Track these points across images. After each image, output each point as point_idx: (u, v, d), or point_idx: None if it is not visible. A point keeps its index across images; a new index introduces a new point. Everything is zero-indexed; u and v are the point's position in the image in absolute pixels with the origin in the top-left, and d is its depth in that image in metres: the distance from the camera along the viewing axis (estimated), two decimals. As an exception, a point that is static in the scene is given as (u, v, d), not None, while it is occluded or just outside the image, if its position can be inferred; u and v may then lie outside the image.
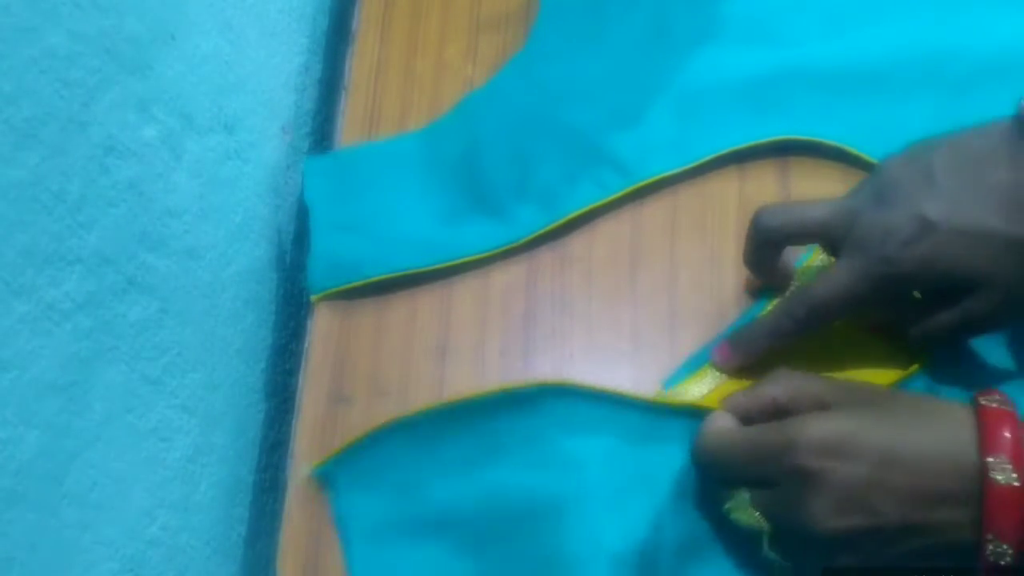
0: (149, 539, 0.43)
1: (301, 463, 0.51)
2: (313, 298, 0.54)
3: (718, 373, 0.50)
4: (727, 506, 0.43)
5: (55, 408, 0.36)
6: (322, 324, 0.54)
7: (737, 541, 0.45)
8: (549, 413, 0.49)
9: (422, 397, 0.51)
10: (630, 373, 0.51)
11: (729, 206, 0.55)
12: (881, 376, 0.49)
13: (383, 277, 0.54)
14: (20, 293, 0.34)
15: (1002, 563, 0.36)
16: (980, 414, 0.38)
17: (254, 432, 0.56)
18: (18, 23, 0.33)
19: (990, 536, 0.36)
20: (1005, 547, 0.36)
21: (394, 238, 0.55)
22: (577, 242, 0.55)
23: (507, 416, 0.49)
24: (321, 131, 0.65)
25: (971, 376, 0.48)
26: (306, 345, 0.54)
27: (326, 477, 0.50)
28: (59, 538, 0.37)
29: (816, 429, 0.39)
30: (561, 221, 0.54)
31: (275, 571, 0.49)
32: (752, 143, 0.55)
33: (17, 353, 0.34)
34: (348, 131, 0.60)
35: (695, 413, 0.48)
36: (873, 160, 0.53)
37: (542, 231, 0.54)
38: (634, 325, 0.53)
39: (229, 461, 0.52)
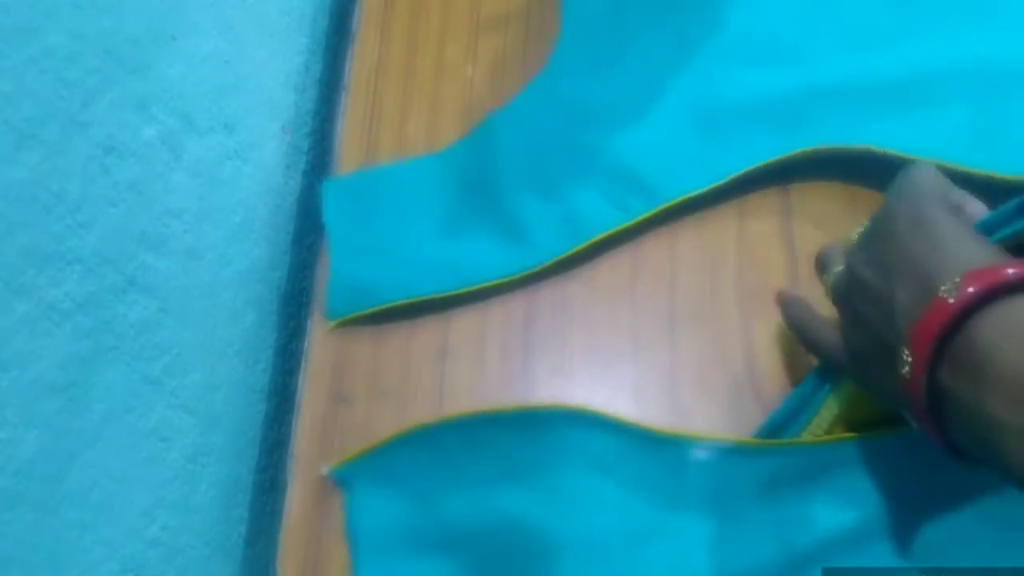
0: (149, 539, 0.43)
1: (304, 463, 0.51)
2: (331, 324, 0.54)
3: (833, 408, 0.46)
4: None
5: (55, 408, 0.36)
6: (322, 324, 0.54)
7: None
8: (566, 442, 0.48)
9: (422, 397, 0.51)
10: (630, 373, 0.51)
11: (730, 206, 0.55)
12: None
13: (403, 302, 0.53)
14: (20, 293, 0.34)
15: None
16: (933, 300, 0.37)
17: (254, 432, 0.56)
18: (18, 23, 0.33)
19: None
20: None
21: (414, 263, 0.54)
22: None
23: (524, 439, 0.48)
24: (321, 131, 0.65)
25: None
26: (306, 345, 0.54)
27: (342, 480, 0.49)
28: (59, 538, 0.37)
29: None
30: (584, 245, 0.53)
31: (275, 571, 0.49)
32: (770, 160, 0.53)
33: (17, 353, 0.34)
34: (348, 131, 0.60)
35: (718, 451, 0.47)
36: (901, 154, 0.51)
37: (565, 255, 0.53)
38: (634, 326, 0.52)
39: (229, 461, 0.52)
